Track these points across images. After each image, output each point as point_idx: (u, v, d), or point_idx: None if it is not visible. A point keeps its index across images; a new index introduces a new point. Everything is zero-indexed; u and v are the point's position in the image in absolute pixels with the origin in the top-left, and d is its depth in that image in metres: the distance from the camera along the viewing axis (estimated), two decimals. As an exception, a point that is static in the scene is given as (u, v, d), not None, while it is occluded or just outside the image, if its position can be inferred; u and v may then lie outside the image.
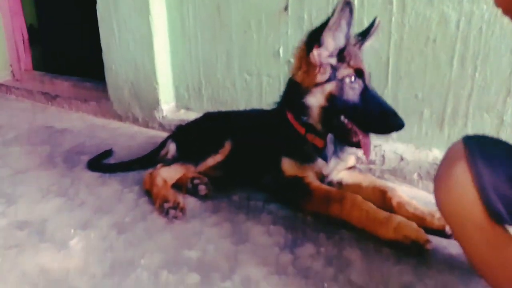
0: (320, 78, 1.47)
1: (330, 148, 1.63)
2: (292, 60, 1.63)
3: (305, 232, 1.44)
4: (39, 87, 3.89)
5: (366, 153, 1.48)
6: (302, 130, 1.60)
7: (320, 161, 1.62)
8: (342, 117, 1.48)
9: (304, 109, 1.54)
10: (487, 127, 1.68)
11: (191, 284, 1.18)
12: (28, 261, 1.30)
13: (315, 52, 1.46)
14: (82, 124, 3.01)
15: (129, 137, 2.65)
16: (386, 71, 1.85)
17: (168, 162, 1.84)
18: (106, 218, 1.57)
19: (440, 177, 1.00)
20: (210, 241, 1.39)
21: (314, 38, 1.46)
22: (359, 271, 1.22)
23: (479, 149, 0.93)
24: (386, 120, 1.40)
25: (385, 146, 1.89)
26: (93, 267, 1.27)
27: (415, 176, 1.80)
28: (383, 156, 1.87)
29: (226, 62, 2.42)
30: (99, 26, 2.86)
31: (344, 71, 1.46)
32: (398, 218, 1.34)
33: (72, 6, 4.01)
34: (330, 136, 1.63)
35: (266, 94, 2.29)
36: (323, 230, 1.45)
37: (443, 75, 1.72)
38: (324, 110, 1.50)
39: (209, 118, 2.06)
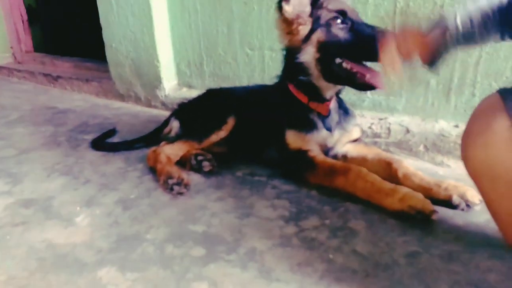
0: (303, 30, 1.47)
1: (334, 118, 1.62)
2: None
3: (309, 205, 1.44)
4: (40, 69, 3.87)
5: (380, 86, 1.44)
6: (305, 99, 1.59)
7: (324, 132, 1.60)
8: (344, 64, 1.46)
9: (301, 70, 1.53)
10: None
11: (196, 257, 1.18)
12: (35, 237, 1.32)
13: (285, 7, 1.46)
14: (84, 104, 3.00)
15: (132, 116, 2.64)
16: (392, 40, 1.80)
17: (171, 140, 1.83)
18: (111, 195, 1.57)
19: (473, 133, 0.93)
20: (214, 216, 1.39)
21: None
22: (364, 242, 1.21)
23: None
24: None
25: (390, 118, 1.86)
26: (99, 242, 1.28)
27: (421, 148, 1.77)
28: (388, 129, 1.84)
29: (227, 36, 2.38)
30: (97, 1, 2.80)
31: (326, 15, 1.45)
32: (403, 189, 1.33)
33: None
34: (334, 106, 1.61)
35: (268, 69, 2.25)
36: (327, 202, 1.44)
37: (450, 42, 1.67)
38: (320, 60, 1.49)
39: (211, 95, 2.04)
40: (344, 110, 1.68)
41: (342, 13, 1.45)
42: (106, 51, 2.94)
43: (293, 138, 1.60)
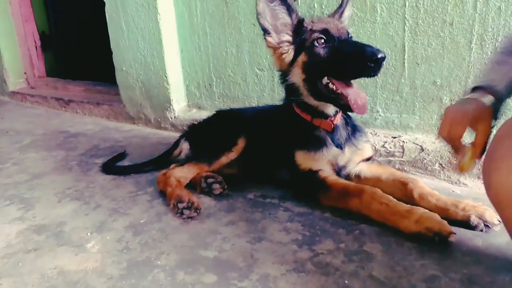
0: (287, 56, 1.53)
1: (342, 134, 1.61)
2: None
3: (323, 228, 1.41)
4: (52, 93, 3.94)
5: (361, 111, 1.42)
6: (308, 117, 1.59)
7: (334, 149, 1.58)
8: (331, 84, 1.46)
9: (293, 90, 1.58)
10: (510, 112, 1.60)
11: (208, 284, 1.15)
12: (47, 264, 1.30)
13: (268, 39, 1.53)
14: (95, 127, 3.03)
15: (142, 139, 2.66)
16: (402, 57, 1.79)
17: (182, 162, 1.82)
18: (122, 220, 1.56)
19: (497, 158, 0.89)
20: (226, 240, 1.37)
21: (262, 29, 1.53)
22: (381, 266, 1.17)
23: None
24: (362, 59, 1.33)
25: (404, 136, 1.83)
26: (110, 269, 1.26)
27: (437, 166, 1.74)
28: (402, 147, 1.81)
29: (237, 57, 2.39)
30: (108, 26, 2.87)
31: (310, 37, 1.49)
32: (419, 210, 1.29)
33: (82, 12, 4.04)
34: (341, 122, 1.61)
35: (278, 88, 2.24)
36: (342, 225, 1.41)
37: (462, 59, 1.66)
38: (307, 80, 1.52)
39: (221, 116, 2.04)
40: (352, 127, 1.66)
41: (325, 32, 1.46)
42: (116, 74, 2.99)
43: (302, 158, 1.58)
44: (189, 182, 1.74)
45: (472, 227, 1.31)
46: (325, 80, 1.47)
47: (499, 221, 1.28)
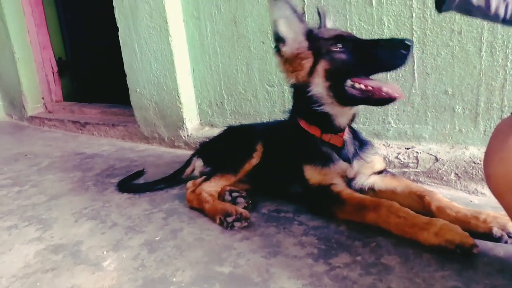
0: (307, 63, 1.48)
1: (350, 149, 1.59)
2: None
3: (339, 241, 1.39)
4: (69, 117, 4.05)
5: (401, 95, 1.40)
6: (317, 132, 1.57)
7: (342, 163, 1.57)
8: (357, 84, 1.43)
9: (314, 102, 1.52)
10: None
11: (224, 300, 1.14)
12: (65, 283, 1.31)
13: (283, 49, 1.51)
14: (111, 148, 3.09)
15: (157, 158, 2.69)
16: (412, 68, 1.79)
17: (207, 176, 1.81)
18: (137, 238, 1.57)
19: (492, 151, 0.97)
20: (241, 256, 1.36)
21: (276, 40, 1.51)
22: (399, 278, 1.15)
23: None
24: (394, 48, 1.34)
25: (418, 147, 1.81)
26: (126, 286, 1.26)
27: (453, 176, 1.71)
28: (416, 158, 1.79)
29: (247, 74, 2.43)
30: (121, 50, 2.95)
31: (325, 44, 1.46)
32: (439, 222, 1.26)
33: (96, 37, 4.17)
34: (348, 137, 1.60)
35: (289, 104, 2.26)
36: (358, 237, 1.39)
37: (473, 67, 1.65)
38: (331, 88, 1.47)
39: (233, 130, 2.05)
40: (360, 141, 1.65)
41: (339, 38, 1.47)
42: (130, 96, 3.05)
43: (311, 173, 1.57)
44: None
45: (495, 239, 1.27)
46: (349, 82, 1.44)
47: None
